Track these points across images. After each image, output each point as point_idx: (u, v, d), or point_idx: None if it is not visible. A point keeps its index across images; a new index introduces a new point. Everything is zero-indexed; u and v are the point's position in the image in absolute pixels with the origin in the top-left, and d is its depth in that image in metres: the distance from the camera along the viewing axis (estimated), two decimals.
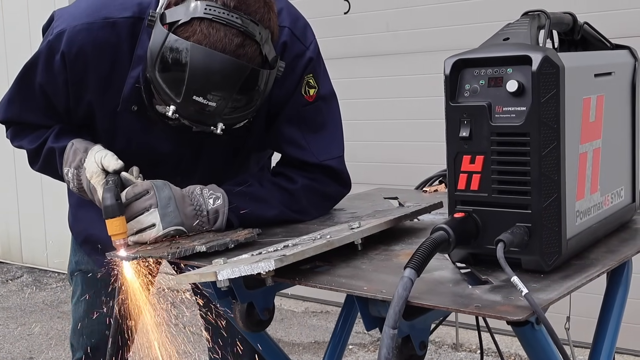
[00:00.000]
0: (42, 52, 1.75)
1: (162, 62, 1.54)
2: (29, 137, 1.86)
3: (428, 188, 2.17)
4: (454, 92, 1.33)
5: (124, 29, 1.71)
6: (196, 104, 1.54)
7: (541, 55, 1.24)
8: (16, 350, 4.27)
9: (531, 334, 1.24)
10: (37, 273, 5.86)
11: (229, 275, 1.29)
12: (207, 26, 1.52)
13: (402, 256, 1.46)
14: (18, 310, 5.00)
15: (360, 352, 3.96)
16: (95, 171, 1.67)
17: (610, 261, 1.37)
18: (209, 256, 1.48)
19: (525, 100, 1.26)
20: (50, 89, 1.77)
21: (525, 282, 1.15)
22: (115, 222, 1.56)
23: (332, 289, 1.30)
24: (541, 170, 1.26)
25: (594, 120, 1.42)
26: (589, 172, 1.41)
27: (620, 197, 1.56)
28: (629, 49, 1.62)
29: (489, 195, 1.30)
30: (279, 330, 4.31)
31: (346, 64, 4.25)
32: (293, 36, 1.78)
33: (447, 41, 3.86)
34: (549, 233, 1.28)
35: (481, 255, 1.34)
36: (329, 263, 1.42)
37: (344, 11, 4.33)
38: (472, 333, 3.88)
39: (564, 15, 1.53)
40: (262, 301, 1.51)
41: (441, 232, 1.26)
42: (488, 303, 1.16)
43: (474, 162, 1.31)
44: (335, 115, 1.88)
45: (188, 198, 1.65)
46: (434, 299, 1.20)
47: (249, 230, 1.63)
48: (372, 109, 4.29)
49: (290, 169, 1.83)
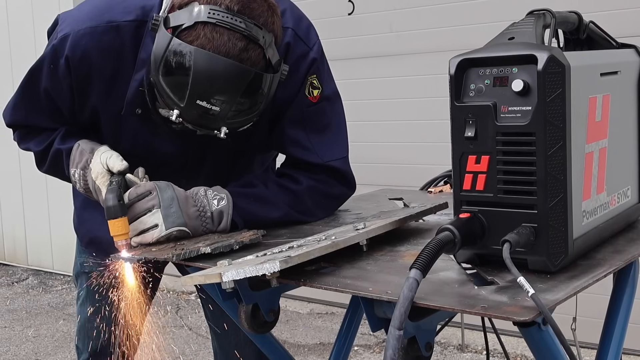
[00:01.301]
0: (46, 56, 1.76)
1: (165, 66, 1.54)
2: (36, 139, 1.87)
3: (433, 189, 2.16)
4: (459, 91, 1.32)
5: (127, 33, 1.71)
6: (200, 108, 1.54)
7: (547, 54, 1.24)
8: (22, 352, 4.27)
9: (538, 334, 1.23)
10: (42, 275, 5.86)
11: (233, 276, 1.29)
12: (211, 30, 1.52)
13: (407, 257, 1.45)
14: (24, 312, 5.01)
15: (365, 354, 3.95)
16: (101, 172, 1.67)
17: (617, 261, 1.36)
18: (214, 257, 1.47)
19: (530, 100, 1.25)
20: (55, 92, 1.78)
21: (532, 282, 1.14)
22: (117, 223, 1.56)
23: (337, 290, 1.29)
24: (547, 170, 1.25)
25: (600, 119, 1.41)
26: (595, 171, 1.40)
27: (627, 197, 1.56)
28: (635, 48, 1.61)
29: (495, 196, 1.30)
30: (284, 332, 4.30)
31: (350, 65, 4.25)
32: (296, 37, 1.77)
33: (451, 42, 3.85)
34: (555, 233, 1.27)
35: (487, 256, 1.33)
36: (334, 264, 1.42)
37: (348, 12, 4.32)
38: (478, 334, 3.86)
39: (570, 15, 1.52)
40: (267, 302, 1.50)
41: (447, 232, 1.26)
42: (494, 304, 1.15)
43: (480, 162, 1.30)
44: (340, 116, 1.88)
45: (191, 199, 1.65)
46: (439, 299, 1.19)
47: (254, 232, 1.62)
48: (376, 109, 4.28)
49: (295, 170, 1.83)
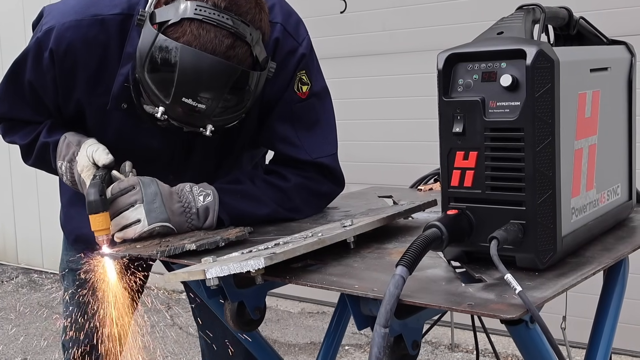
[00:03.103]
0: (30, 48, 1.74)
1: (151, 63, 1.52)
2: (21, 132, 1.86)
3: (423, 187, 2.15)
4: (447, 87, 1.30)
5: (113, 26, 1.69)
6: (185, 105, 1.52)
7: (536, 49, 1.22)
8: (10, 351, 4.24)
9: (525, 333, 1.22)
10: (32, 274, 5.83)
11: (217, 273, 1.27)
12: (197, 27, 1.50)
13: (394, 254, 1.44)
14: (13, 311, 4.98)
15: (356, 353, 3.94)
16: (86, 165, 1.66)
17: (606, 259, 1.35)
18: (199, 254, 1.45)
19: (519, 95, 1.23)
20: (39, 85, 1.76)
21: (520, 280, 1.13)
22: (98, 218, 1.55)
23: (323, 287, 1.27)
24: (535, 166, 1.23)
25: (589, 115, 1.40)
26: (585, 168, 1.39)
27: (616, 195, 1.54)
28: (625, 45, 1.60)
29: (483, 192, 1.28)
30: (275, 331, 4.28)
31: (342, 63, 4.23)
32: (285, 32, 1.76)
33: (443, 40, 3.80)
34: (543, 230, 1.25)
35: (475, 253, 1.31)
36: (320, 261, 1.40)
37: (340, 10, 4.30)
38: (469, 334, 3.85)
39: (560, 10, 1.51)
40: (253, 300, 1.49)
41: (434, 229, 1.24)
42: (481, 301, 1.14)
43: (468, 158, 1.28)
44: (329, 113, 1.86)
45: (176, 195, 1.63)
46: (426, 297, 1.17)
47: (240, 229, 1.60)
48: (368, 108, 4.26)
49: (283, 167, 1.81)
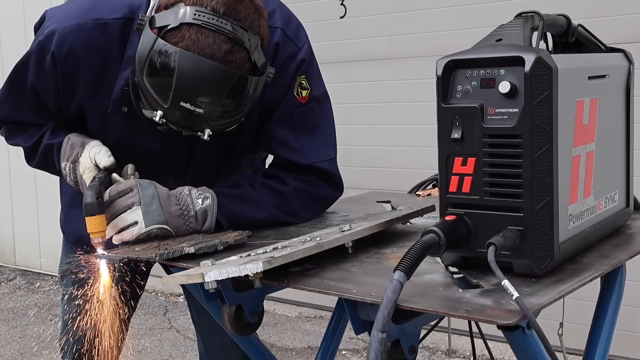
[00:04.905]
0: (32, 52, 1.74)
1: (150, 67, 1.53)
2: (24, 135, 1.86)
3: (421, 192, 2.15)
4: (445, 93, 1.31)
5: (114, 30, 1.69)
6: (183, 109, 1.53)
7: (534, 56, 1.23)
8: (7, 353, 4.24)
9: (522, 339, 1.22)
10: (30, 275, 5.82)
11: (216, 276, 1.28)
12: (196, 32, 1.51)
13: (392, 259, 1.44)
14: (10, 312, 4.97)
15: (353, 358, 3.94)
16: (88, 166, 1.67)
17: (604, 266, 1.35)
18: (198, 258, 1.46)
19: (517, 102, 1.24)
20: (41, 88, 1.76)
21: (517, 286, 1.13)
22: (94, 220, 1.55)
23: (321, 292, 1.28)
24: (533, 173, 1.24)
25: (587, 123, 1.41)
26: (582, 175, 1.39)
27: (614, 202, 1.55)
28: (623, 52, 1.61)
29: (481, 198, 1.29)
30: (272, 335, 4.28)
31: (342, 68, 4.24)
32: (285, 37, 1.76)
33: (443, 46, 3.82)
34: (541, 236, 1.26)
35: (472, 259, 1.32)
36: (319, 266, 1.40)
37: (340, 15, 4.31)
38: (466, 339, 3.85)
39: (558, 17, 1.52)
40: (251, 304, 1.49)
41: (432, 234, 1.24)
42: (478, 307, 1.14)
43: (466, 164, 1.29)
44: (328, 117, 1.86)
45: (174, 197, 1.63)
46: (423, 302, 1.18)
47: (239, 232, 1.61)
48: (367, 113, 4.27)
49: (282, 171, 1.81)
